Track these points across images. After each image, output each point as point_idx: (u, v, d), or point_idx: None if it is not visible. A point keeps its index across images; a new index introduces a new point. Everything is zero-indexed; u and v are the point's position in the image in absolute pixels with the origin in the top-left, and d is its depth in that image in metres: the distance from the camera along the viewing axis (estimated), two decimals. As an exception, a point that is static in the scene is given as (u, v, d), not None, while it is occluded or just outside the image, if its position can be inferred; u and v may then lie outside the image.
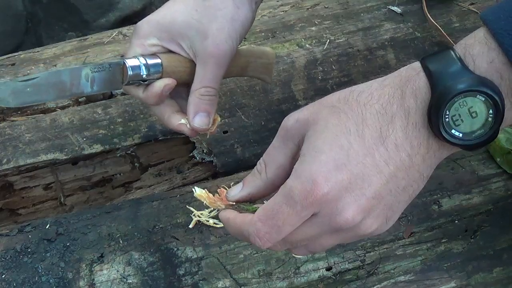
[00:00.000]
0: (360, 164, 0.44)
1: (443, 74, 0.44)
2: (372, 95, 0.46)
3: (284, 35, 0.90)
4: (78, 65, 0.55)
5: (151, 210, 0.68)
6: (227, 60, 0.61)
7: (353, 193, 0.44)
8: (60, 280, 0.63)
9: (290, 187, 0.44)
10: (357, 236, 0.47)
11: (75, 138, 0.77)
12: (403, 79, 0.46)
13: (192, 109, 0.61)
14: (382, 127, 0.45)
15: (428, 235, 0.68)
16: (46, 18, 1.68)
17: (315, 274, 0.65)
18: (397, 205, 0.47)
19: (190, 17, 0.60)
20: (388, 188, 0.45)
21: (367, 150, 0.44)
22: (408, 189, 0.46)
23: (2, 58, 0.89)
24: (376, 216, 0.46)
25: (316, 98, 0.86)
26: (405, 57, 0.90)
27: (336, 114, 0.46)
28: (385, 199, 0.45)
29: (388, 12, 0.95)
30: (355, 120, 0.45)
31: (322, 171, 0.44)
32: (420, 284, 0.65)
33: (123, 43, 0.90)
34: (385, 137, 0.44)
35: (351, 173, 0.44)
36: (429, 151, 0.45)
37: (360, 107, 0.45)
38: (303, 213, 0.44)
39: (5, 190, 0.77)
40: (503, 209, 0.71)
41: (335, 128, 0.45)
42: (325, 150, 0.44)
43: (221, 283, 0.63)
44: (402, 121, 0.45)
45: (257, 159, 0.51)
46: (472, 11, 0.95)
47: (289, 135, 0.48)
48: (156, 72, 0.60)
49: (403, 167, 0.45)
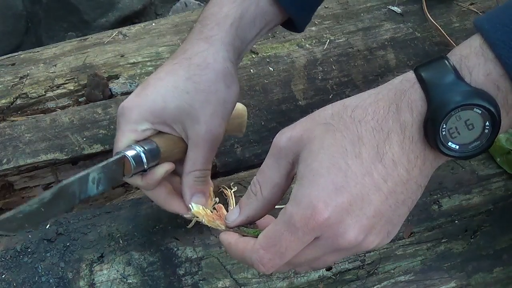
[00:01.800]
0: (359, 185, 0.44)
1: (438, 86, 0.43)
2: (367, 111, 0.45)
3: (284, 35, 0.90)
4: (83, 172, 0.54)
5: (151, 210, 0.68)
6: (219, 142, 0.60)
7: (354, 214, 0.44)
8: (60, 280, 0.63)
9: (290, 214, 0.44)
10: (360, 251, 0.47)
11: (75, 138, 0.77)
12: (397, 92, 0.45)
13: (188, 191, 0.60)
14: (379, 144, 0.44)
15: (428, 235, 0.68)
16: (46, 18, 1.68)
17: (315, 274, 0.65)
18: (397, 218, 0.47)
19: (182, 101, 0.58)
20: (388, 204, 0.45)
21: (365, 169, 0.44)
22: (407, 202, 0.46)
23: (2, 58, 0.89)
24: (377, 233, 0.46)
25: (316, 98, 0.86)
26: (405, 57, 0.90)
27: (331, 133, 0.45)
28: (386, 215, 0.45)
29: (388, 12, 0.95)
30: (351, 139, 0.44)
31: (321, 196, 0.43)
32: (420, 284, 0.65)
33: (123, 43, 0.90)
34: (382, 154, 0.44)
35: (351, 195, 0.43)
36: (426, 162, 0.45)
37: (355, 124, 0.45)
38: (304, 238, 0.44)
39: (5, 190, 0.77)
40: (503, 209, 0.71)
41: (331, 149, 0.44)
42: (323, 174, 0.44)
43: (221, 283, 0.63)
44: (399, 136, 0.44)
45: (257, 159, 0.51)
46: (472, 11, 0.95)
47: (282, 154, 0.47)
48: (155, 159, 0.58)
49: (401, 181, 0.44)
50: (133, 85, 0.82)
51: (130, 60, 0.86)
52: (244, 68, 0.85)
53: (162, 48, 0.88)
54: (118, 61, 0.85)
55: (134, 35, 0.92)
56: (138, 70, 0.84)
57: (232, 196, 0.68)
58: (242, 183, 0.70)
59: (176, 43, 0.89)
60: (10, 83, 0.83)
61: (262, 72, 0.85)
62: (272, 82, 0.85)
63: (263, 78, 0.85)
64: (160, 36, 0.91)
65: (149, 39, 0.90)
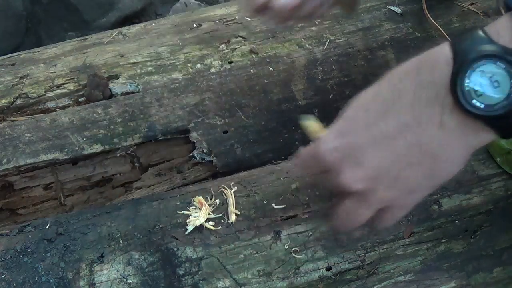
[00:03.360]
0: (358, 135, 0.48)
1: (464, 42, 0.44)
2: (394, 72, 0.49)
3: (284, 35, 0.90)
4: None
5: (151, 210, 0.68)
6: None
7: (349, 159, 0.49)
8: (60, 280, 0.63)
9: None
10: (376, 203, 0.51)
11: (75, 138, 0.77)
12: (425, 56, 0.47)
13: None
14: (388, 103, 0.48)
15: (428, 235, 0.68)
16: (46, 18, 1.68)
17: (315, 274, 0.65)
18: (410, 181, 0.49)
19: None
20: (389, 160, 0.48)
21: (368, 122, 0.48)
22: (418, 166, 0.47)
23: (2, 58, 0.89)
24: (386, 187, 0.49)
25: (316, 98, 0.86)
26: (405, 57, 0.89)
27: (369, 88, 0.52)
28: (390, 171, 0.48)
29: (388, 12, 0.95)
30: (372, 94, 0.50)
31: (326, 137, 0.51)
32: (420, 284, 0.65)
33: (123, 43, 0.90)
34: (386, 112, 0.47)
35: (347, 142, 0.49)
36: (446, 127, 0.45)
37: (381, 81, 0.50)
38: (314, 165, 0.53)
39: (5, 190, 0.77)
40: (503, 209, 0.71)
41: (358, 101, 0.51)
42: (338, 121, 0.51)
43: (221, 283, 0.63)
44: (410, 96, 0.46)
45: (257, 159, 0.51)
46: (472, 11, 0.95)
47: None
48: None
49: (406, 142, 0.47)
50: (133, 85, 0.82)
51: (130, 60, 0.86)
52: (244, 68, 0.85)
53: (162, 48, 0.88)
54: (118, 61, 0.85)
55: (134, 35, 0.92)
56: (138, 70, 0.84)
57: (232, 196, 0.68)
58: (242, 183, 0.70)
59: (176, 43, 0.89)
60: (10, 83, 0.82)
61: (262, 72, 0.85)
62: (272, 82, 0.84)
63: (263, 78, 0.85)
64: (160, 36, 0.91)
65: (149, 39, 0.90)
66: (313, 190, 0.68)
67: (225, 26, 0.92)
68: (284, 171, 0.71)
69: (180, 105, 0.81)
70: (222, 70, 0.85)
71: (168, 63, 0.85)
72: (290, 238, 0.65)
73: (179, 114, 0.80)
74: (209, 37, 0.89)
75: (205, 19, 0.94)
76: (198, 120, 0.81)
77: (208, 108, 0.81)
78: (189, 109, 0.81)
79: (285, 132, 0.82)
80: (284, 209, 0.67)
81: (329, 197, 0.67)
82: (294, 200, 0.68)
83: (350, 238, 0.66)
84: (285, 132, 0.82)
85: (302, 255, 0.65)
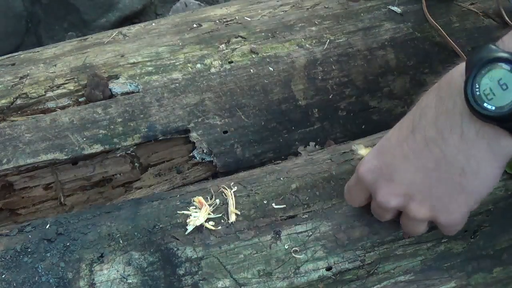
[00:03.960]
0: (390, 154, 0.52)
1: (475, 53, 0.46)
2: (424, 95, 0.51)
3: (284, 35, 0.90)
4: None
5: (151, 210, 0.68)
6: None
7: (384, 177, 0.53)
8: (60, 280, 0.62)
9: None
10: (414, 218, 0.55)
11: (75, 138, 0.77)
12: (445, 77, 0.49)
13: None
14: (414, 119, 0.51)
15: (428, 235, 0.68)
16: (46, 18, 1.68)
17: (315, 274, 0.65)
18: (443, 196, 0.50)
19: None
20: (419, 176, 0.50)
21: (399, 141, 0.51)
22: (448, 179, 0.49)
23: (2, 58, 0.89)
24: (419, 203, 0.52)
25: (316, 98, 0.86)
26: (405, 57, 0.90)
27: None
28: (421, 186, 0.51)
29: (388, 12, 0.95)
30: (408, 116, 0.53)
31: (367, 158, 0.55)
32: (420, 284, 0.65)
33: (123, 43, 0.90)
34: (414, 128, 0.50)
35: (383, 161, 0.53)
36: (466, 136, 0.47)
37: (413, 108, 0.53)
38: (358, 185, 0.58)
39: (5, 190, 0.77)
40: (503, 209, 0.70)
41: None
42: (379, 142, 0.55)
43: (221, 283, 0.63)
44: (431, 110, 0.49)
45: (257, 159, 0.52)
46: (472, 11, 0.95)
47: None
48: None
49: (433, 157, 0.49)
50: (133, 85, 0.82)
51: (130, 60, 0.86)
52: (244, 68, 0.85)
53: (162, 48, 0.88)
54: (118, 61, 0.85)
55: (134, 35, 0.92)
56: (138, 70, 0.84)
57: (232, 196, 0.68)
58: (242, 183, 0.70)
59: (176, 43, 0.89)
60: (10, 83, 0.82)
61: (262, 72, 0.85)
62: (272, 82, 0.85)
63: (263, 78, 0.85)
64: (160, 36, 0.91)
65: (149, 39, 0.90)
66: (313, 190, 0.68)
67: (225, 26, 0.92)
68: (284, 171, 0.71)
69: (180, 105, 0.81)
70: (222, 70, 0.85)
71: (168, 63, 0.85)
72: (290, 238, 0.65)
73: (179, 114, 0.80)
74: (209, 37, 0.89)
75: (205, 19, 0.94)
76: (198, 120, 0.81)
77: (208, 108, 0.81)
78: (189, 109, 0.81)
79: (285, 132, 0.82)
80: (284, 209, 0.67)
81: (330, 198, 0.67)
82: (294, 200, 0.68)
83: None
84: (285, 132, 0.82)
85: (302, 255, 0.65)
